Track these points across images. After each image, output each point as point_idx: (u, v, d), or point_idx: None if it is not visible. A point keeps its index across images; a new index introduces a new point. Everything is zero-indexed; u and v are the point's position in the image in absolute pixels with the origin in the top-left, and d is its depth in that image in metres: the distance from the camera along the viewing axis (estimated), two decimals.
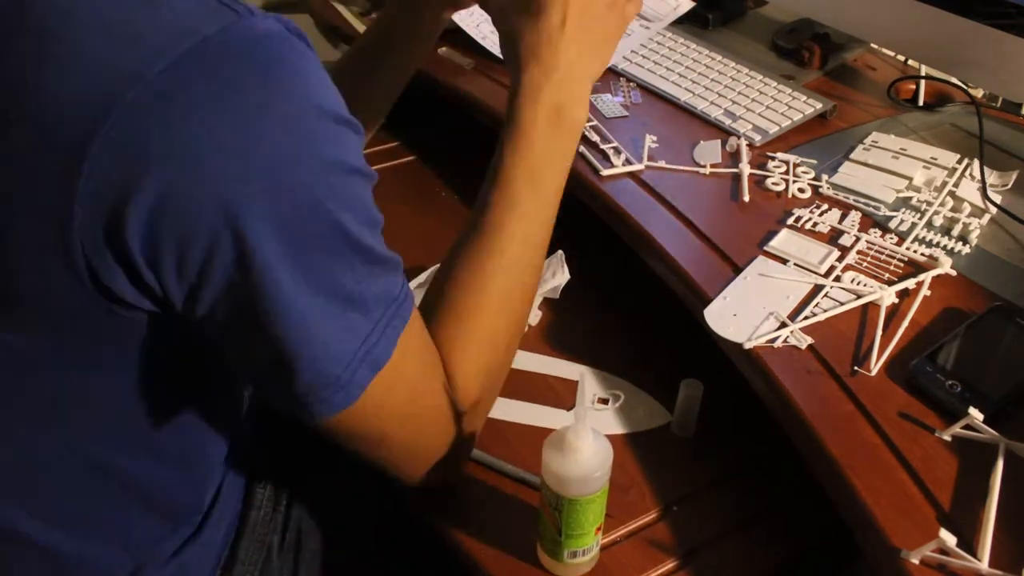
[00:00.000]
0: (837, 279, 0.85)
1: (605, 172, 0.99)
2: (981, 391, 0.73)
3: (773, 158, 1.03)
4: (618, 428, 0.85)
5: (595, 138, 1.04)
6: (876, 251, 0.89)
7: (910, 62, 1.24)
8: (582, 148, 1.03)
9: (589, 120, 1.07)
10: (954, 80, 1.11)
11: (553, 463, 0.65)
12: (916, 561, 0.62)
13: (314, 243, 0.54)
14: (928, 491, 0.67)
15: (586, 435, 0.64)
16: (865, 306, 0.83)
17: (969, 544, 0.63)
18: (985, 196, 0.95)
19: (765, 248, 0.89)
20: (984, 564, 0.61)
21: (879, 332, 0.79)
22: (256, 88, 0.50)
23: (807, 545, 0.79)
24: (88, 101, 0.48)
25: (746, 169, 1.00)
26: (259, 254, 0.52)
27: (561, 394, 0.90)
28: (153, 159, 0.49)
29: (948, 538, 0.59)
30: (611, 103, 1.12)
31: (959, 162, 1.01)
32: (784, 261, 0.87)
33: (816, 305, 0.82)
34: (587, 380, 0.73)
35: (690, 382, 0.84)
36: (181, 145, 0.49)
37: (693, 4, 1.25)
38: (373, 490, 0.84)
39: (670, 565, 0.76)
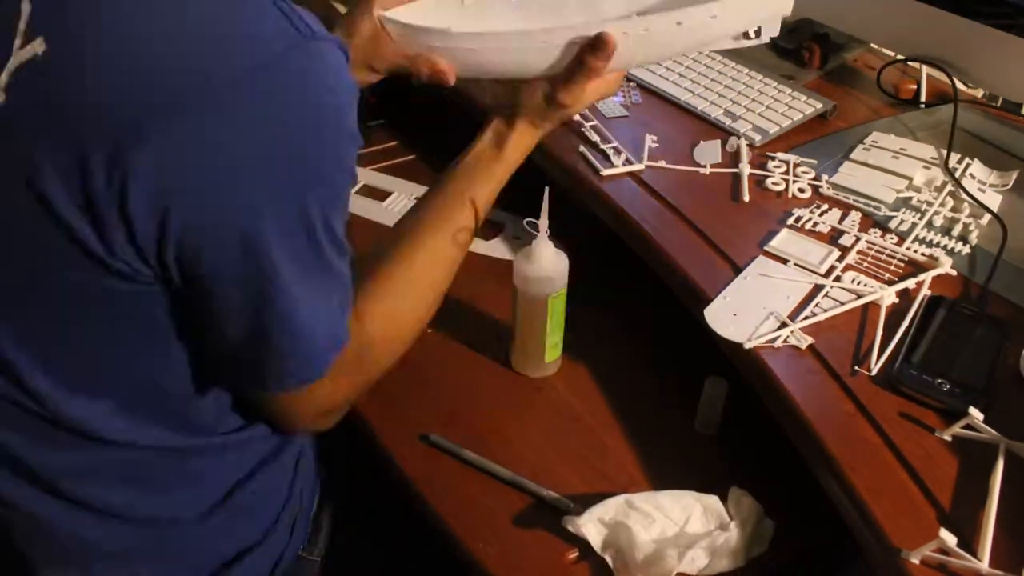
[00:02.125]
0: (837, 279, 0.85)
1: (605, 172, 0.99)
2: (967, 383, 0.73)
3: (773, 158, 1.03)
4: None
5: (595, 138, 1.04)
6: (876, 251, 0.89)
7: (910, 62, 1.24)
8: (582, 148, 1.03)
9: (589, 120, 1.07)
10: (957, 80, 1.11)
11: (531, 271, 0.85)
12: (916, 561, 0.62)
13: (313, 244, 0.60)
14: (928, 491, 0.67)
15: (547, 246, 0.85)
16: (865, 306, 0.83)
17: (969, 544, 0.63)
18: (950, 173, 0.95)
19: (765, 248, 0.89)
20: (984, 564, 0.61)
21: (879, 332, 0.79)
22: (301, 112, 0.56)
23: (807, 545, 0.79)
24: (155, 96, 0.52)
25: (746, 169, 1.00)
26: (265, 255, 0.58)
27: (563, 395, 0.90)
28: (194, 164, 0.53)
29: (948, 538, 0.59)
30: (611, 103, 1.12)
31: (959, 162, 1.01)
32: (784, 261, 0.87)
33: (816, 305, 0.82)
34: (547, 194, 0.83)
35: (714, 380, 0.85)
36: (221, 157, 0.54)
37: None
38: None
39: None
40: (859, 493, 0.66)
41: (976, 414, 0.69)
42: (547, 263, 0.85)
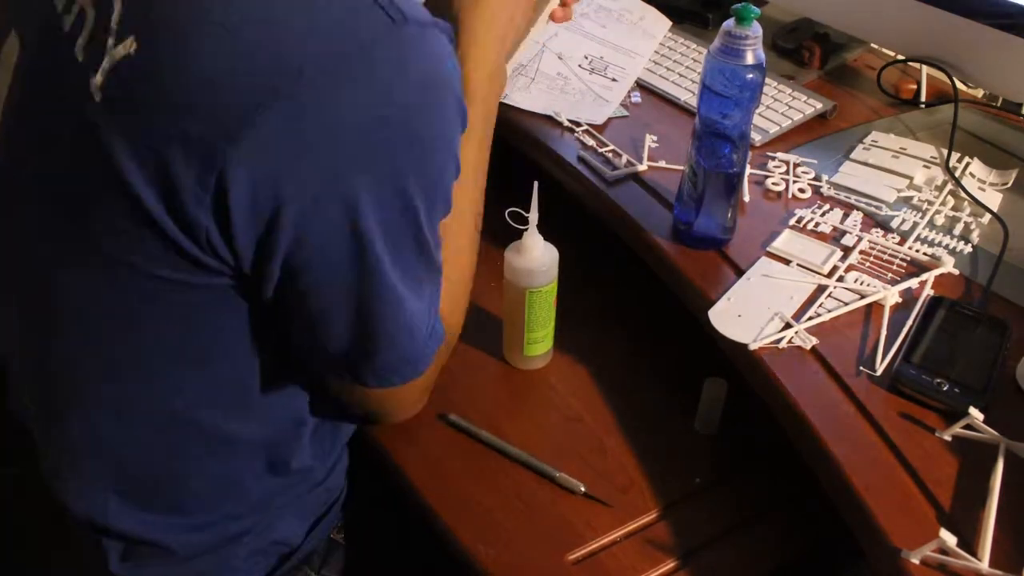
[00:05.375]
0: (840, 279, 0.85)
1: (611, 175, 0.99)
2: (967, 383, 0.73)
3: (773, 158, 1.02)
4: None
5: (591, 142, 1.04)
6: (879, 251, 0.89)
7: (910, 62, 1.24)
8: (582, 152, 1.03)
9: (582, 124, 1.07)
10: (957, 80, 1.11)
11: (515, 262, 0.85)
12: (916, 561, 0.62)
13: (415, 238, 0.61)
14: (928, 491, 0.67)
15: (537, 239, 0.84)
16: (869, 306, 0.83)
17: (969, 544, 0.63)
18: (950, 172, 0.95)
19: (768, 249, 0.89)
20: (984, 564, 0.61)
21: (883, 332, 0.79)
22: (401, 98, 0.55)
23: (807, 545, 0.79)
24: (248, 88, 0.52)
25: (746, 169, 0.99)
26: (371, 247, 0.58)
27: (563, 395, 0.90)
28: (297, 155, 0.54)
29: (948, 538, 0.59)
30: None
31: (959, 160, 1.01)
32: (787, 262, 0.87)
33: (820, 305, 0.82)
34: (535, 188, 0.82)
35: (714, 380, 0.85)
36: (323, 147, 0.54)
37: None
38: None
39: (670, 565, 0.76)
40: (859, 493, 0.66)
41: (976, 414, 0.69)
42: (536, 255, 0.85)
